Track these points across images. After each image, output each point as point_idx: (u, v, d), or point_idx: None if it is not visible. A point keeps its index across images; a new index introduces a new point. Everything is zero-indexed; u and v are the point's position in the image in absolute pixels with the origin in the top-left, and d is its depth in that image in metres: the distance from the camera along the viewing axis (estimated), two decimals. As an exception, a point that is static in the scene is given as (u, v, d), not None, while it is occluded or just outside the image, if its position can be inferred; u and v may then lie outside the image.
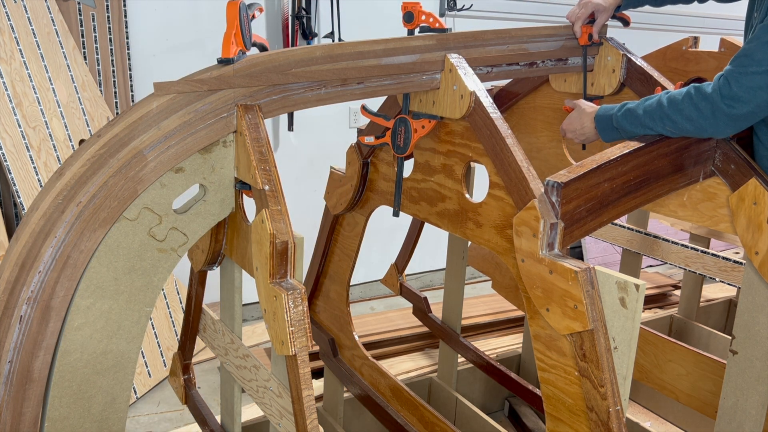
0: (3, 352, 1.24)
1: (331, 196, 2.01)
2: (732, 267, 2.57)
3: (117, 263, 1.31)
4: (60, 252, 1.25)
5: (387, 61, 1.48)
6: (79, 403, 1.36)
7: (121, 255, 1.31)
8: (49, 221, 1.24)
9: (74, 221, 1.25)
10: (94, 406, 1.38)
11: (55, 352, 1.30)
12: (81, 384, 1.35)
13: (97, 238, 1.27)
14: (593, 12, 1.79)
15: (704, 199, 1.60)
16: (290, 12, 3.12)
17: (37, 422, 1.31)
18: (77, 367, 1.33)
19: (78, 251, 1.26)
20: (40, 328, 1.26)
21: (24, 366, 1.26)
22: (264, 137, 1.33)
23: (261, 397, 1.53)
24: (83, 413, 1.37)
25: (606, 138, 1.58)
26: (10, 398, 1.26)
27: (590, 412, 1.23)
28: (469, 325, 3.22)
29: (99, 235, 1.27)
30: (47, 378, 1.30)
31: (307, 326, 1.24)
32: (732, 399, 1.65)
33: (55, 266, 1.25)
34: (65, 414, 1.35)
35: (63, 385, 1.32)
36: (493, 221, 1.43)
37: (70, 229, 1.25)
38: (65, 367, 1.31)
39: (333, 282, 2.11)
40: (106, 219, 1.27)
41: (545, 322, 1.28)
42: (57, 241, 1.24)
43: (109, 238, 1.29)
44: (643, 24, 4.14)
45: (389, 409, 2.02)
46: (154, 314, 2.86)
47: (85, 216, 1.25)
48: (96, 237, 1.27)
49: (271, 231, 1.23)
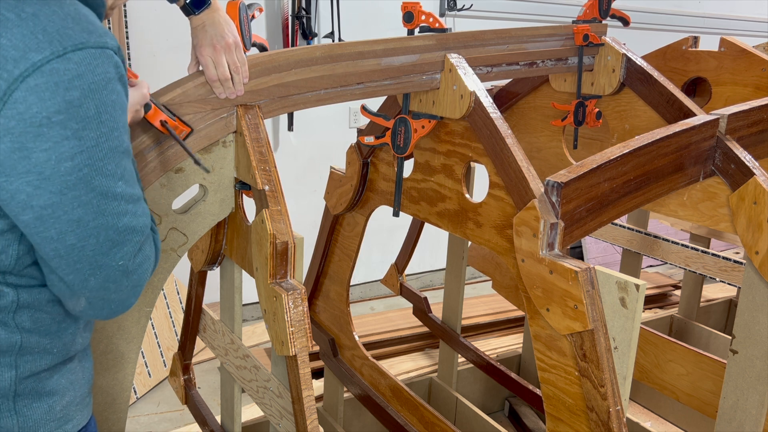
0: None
1: (331, 196, 2.01)
2: (732, 267, 2.57)
3: (117, 263, 1.31)
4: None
5: (387, 62, 1.48)
6: (79, 404, 1.36)
7: (121, 255, 1.31)
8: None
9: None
10: (94, 406, 1.38)
11: (55, 353, 1.29)
12: (81, 384, 1.35)
13: (97, 239, 1.27)
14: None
15: (704, 199, 1.60)
16: (290, 12, 3.12)
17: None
18: (77, 368, 1.33)
19: (78, 251, 1.26)
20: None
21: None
22: (264, 137, 1.33)
23: (261, 397, 1.53)
24: (83, 413, 1.37)
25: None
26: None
27: (590, 412, 1.23)
28: (469, 325, 3.22)
29: (99, 236, 1.27)
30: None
31: (307, 326, 1.24)
32: (732, 399, 1.65)
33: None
34: (65, 414, 1.34)
35: (63, 386, 1.32)
36: (493, 221, 1.43)
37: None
38: (65, 368, 1.31)
39: (333, 282, 2.11)
40: (106, 219, 1.27)
41: (545, 322, 1.28)
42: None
43: (109, 239, 1.29)
44: (643, 24, 4.14)
45: (389, 409, 2.02)
46: (154, 314, 2.86)
47: (85, 216, 1.25)
48: (96, 237, 1.27)
49: (271, 231, 1.23)
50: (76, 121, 0.80)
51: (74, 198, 0.83)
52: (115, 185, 0.87)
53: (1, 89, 0.77)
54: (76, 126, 0.81)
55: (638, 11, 3.92)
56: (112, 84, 0.85)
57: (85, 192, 0.84)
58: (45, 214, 0.83)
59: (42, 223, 0.83)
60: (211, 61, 1.27)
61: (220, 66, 1.27)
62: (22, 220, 0.83)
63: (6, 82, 0.77)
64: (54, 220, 0.84)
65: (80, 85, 0.80)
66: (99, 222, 0.86)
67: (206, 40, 1.26)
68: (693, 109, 1.68)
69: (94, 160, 0.84)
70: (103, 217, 0.87)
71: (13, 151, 0.79)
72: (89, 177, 0.84)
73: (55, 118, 0.79)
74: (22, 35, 0.78)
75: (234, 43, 1.28)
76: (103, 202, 0.86)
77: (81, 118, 0.81)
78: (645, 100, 1.80)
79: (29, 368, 0.93)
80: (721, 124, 1.54)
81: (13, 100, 0.77)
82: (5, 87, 0.77)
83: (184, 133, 1.27)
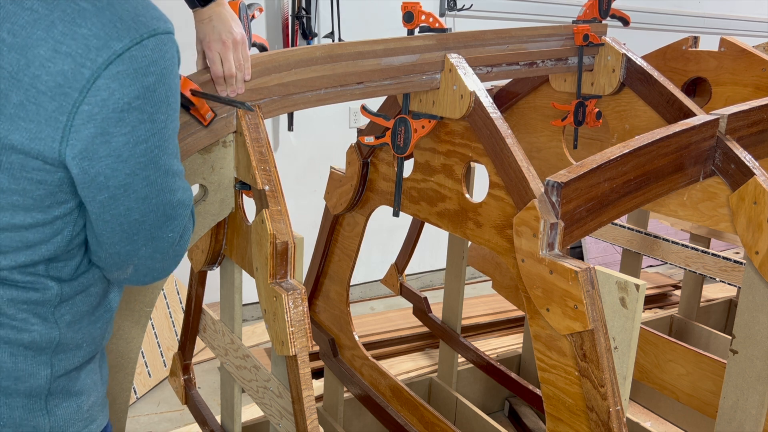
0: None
1: (331, 196, 2.01)
2: (732, 267, 2.57)
3: (117, 263, 1.31)
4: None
5: (387, 61, 1.48)
6: (79, 404, 1.36)
7: (121, 255, 1.31)
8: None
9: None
10: (94, 406, 1.38)
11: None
12: (81, 384, 1.34)
13: (97, 239, 1.27)
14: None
15: (704, 199, 1.60)
16: (290, 12, 3.12)
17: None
18: (77, 368, 1.33)
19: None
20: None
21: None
22: (264, 137, 1.33)
23: (261, 397, 1.53)
24: (83, 413, 1.37)
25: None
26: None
27: (590, 412, 1.23)
28: (469, 325, 3.22)
29: (99, 236, 1.27)
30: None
31: (307, 326, 1.24)
32: (732, 399, 1.65)
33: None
34: (65, 414, 1.34)
35: (63, 386, 1.32)
36: (493, 221, 1.43)
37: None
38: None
39: (333, 282, 2.11)
40: (106, 219, 1.27)
41: (545, 322, 1.28)
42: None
43: (109, 239, 1.29)
44: (643, 24, 4.14)
45: (389, 409, 2.02)
46: (154, 314, 2.86)
47: (85, 216, 1.25)
48: (96, 237, 1.27)
49: (271, 231, 1.23)
50: (151, 105, 0.85)
51: (144, 177, 0.88)
52: (174, 163, 0.93)
53: (85, 77, 0.79)
54: (150, 110, 0.85)
55: (638, 11, 3.92)
56: (176, 68, 0.89)
57: (153, 171, 0.89)
58: (118, 193, 0.87)
59: (114, 202, 0.88)
60: (219, 57, 1.27)
61: (227, 62, 1.27)
62: (97, 200, 0.87)
63: (89, 71, 0.80)
64: (125, 198, 0.88)
65: (155, 71, 0.84)
66: (160, 198, 0.92)
67: (214, 35, 1.26)
68: (693, 109, 1.68)
69: (162, 141, 0.88)
70: (163, 194, 0.92)
71: (96, 136, 0.82)
72: (157, 157, 0.89)
73: (134, 104, 0.83)
74: (102, 24, 0.80)
75: (241, 40, 1.28)
76: (165, 179, 0.92)
77: (155, 102, 0.85)
78: (645, 100, 1.80)
79: (63, 366, 0.95)
80: (721, 124, 1.54)
81: (96, 87, 0.80)
82: (89, 75, 0.80)
83: (209, 116, 1.28)
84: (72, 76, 0.79)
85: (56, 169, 0.84)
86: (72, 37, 0.79)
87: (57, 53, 0.79)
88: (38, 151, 0.81)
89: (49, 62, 0.79)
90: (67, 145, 0.81)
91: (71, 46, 0.79)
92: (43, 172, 0.83)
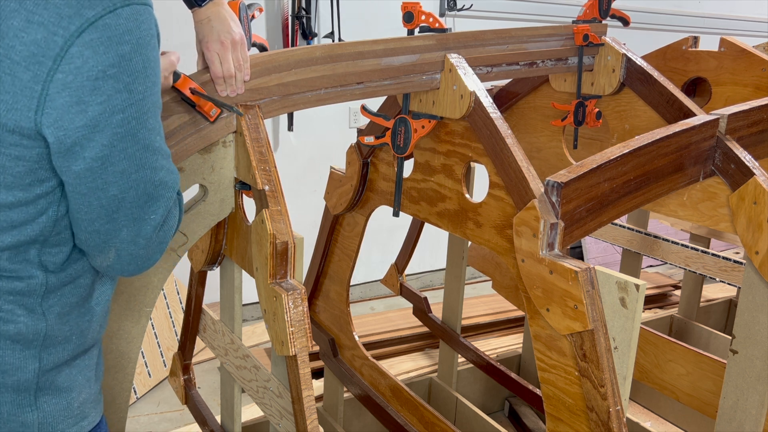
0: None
1: (331, 196, 2.01)
2: (732, 267, 2.57)
3: (117, 263, 1.31)
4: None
5: (387, 61, 1.48)
6: (79, 404, 1.36)
7: (121, 255, 1.31)
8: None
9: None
10: (94, 406, 1.38)
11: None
12: (81, 384, 1.34)
13: (97, 239, 1.27)
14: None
15: (704, 199, 1.60)
16: (290, 12, 3.12)
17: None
18: (77, 368, 1.33)
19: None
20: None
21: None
22: (264, 137, 1.33)
23: (261, 397, 1.53)
24: (83, 413, 1.37)
25: None
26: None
27: (590, 412, 1.23)
28: (469, 325, 3.22)
29: (99, 236, 1.27)
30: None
31: (307, 326, 1.24)
32: (732, 399, 1.65)
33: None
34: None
35: (63, 386, 1.32)
36: (493, 221, 1.43)
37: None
38: (65, 368, 1.31)
39: (333, 282, 2.11)
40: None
41: (545, 322, 1.28)
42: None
43: (109, 239, 1.28)
44: (643, 24, 4.14)
45: (389, 409, 2.02)
46: (154, 314, 2.86)
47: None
48: (96, 237, 1.27)
49: (271, 231, 1.23)
50: (127, 74, 0.84)
51: (122, 150, 0.87)
52: (155, 139, 0.91)
53: (58, 45, 0.80)
54: (127, 79, 0.84)
55: (638, 11, 3.92)
56: (154, 40, 0.88)
57: (131, 144, 0.88)
58: (95, 166, 0.86)
59: (91, 174, 0.87)
60: (217, 57, 1.27)
61: (226, 62, 1.27)
62: (73, 171, 0.86)
63: (62, 38, 0.80)
64: (102, 171, 0.87)
65: (130, 40, 0.84)
66: (140, 175, 0.90)
67: (213, 35, 1.26)
68: (693, 109, 1.68)
69: (140, 113, 0.87)
70: (143, 170, 0.90)
71: (71, 105, 0.82)
72: (135, 129, 0.87)
73: (109, 72, 0.82)
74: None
75: (240, 40, 1.28)
76: (145, 154, 0.90)
77: (131, 72, 0.84)
78: (645, 100, 1.80)
79: (52, 360, 0.94)
80: (721, 124, 1.54)
81: (69, 55, 0.80)
82: (62, 43, 0.80)
83: (213, 112, 1.28)
84: (45, 45, 0.80)
85: (34, 143, 0.84)
86: (44, 6, 0.80)
87: (30, 23, 0.79)
88: (15, 122, 0.81)
89: (23, 32, 0.79)
90: (43, 114, 0.82)
91: (43, 15, 0.80)
92: (21, 147, 0.83)
